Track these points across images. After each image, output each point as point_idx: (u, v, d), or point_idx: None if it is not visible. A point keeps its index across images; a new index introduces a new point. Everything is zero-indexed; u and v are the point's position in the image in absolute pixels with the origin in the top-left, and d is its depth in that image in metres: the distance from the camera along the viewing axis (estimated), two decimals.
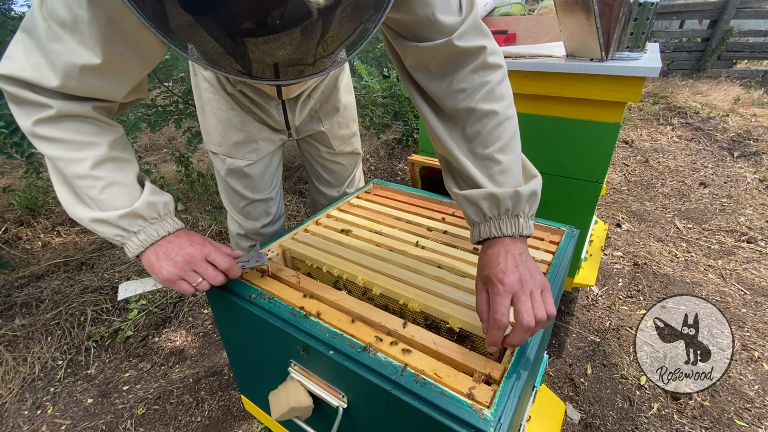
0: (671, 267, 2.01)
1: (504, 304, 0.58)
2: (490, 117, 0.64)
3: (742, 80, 5.11)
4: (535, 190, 0.64)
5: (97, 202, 0.66)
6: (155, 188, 0.70)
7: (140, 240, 0.67)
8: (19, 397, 1.45)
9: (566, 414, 1.33)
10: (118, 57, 0.60)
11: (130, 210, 0.65)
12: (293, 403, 0.69)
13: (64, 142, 0.63)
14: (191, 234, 0.73)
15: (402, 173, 3.05)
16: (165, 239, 0.69)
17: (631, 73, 1.11)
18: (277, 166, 1.20)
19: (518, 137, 0.67)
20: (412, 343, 0.65)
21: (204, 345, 1.65)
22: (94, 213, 0.66)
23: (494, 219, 0.64)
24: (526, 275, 0.60)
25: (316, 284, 0.79)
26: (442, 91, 0.67)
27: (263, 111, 1.05)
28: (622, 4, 1.12)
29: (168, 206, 0.71)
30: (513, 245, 0.63)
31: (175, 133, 4.01)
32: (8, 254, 2.14)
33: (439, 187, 1.28)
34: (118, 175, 0.67)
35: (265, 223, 1.22)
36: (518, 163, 0.66)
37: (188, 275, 0.69)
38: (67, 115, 0.63)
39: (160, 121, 2.24)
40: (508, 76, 0.69)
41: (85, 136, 0.65)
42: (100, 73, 0.61)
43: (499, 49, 0.67)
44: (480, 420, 0.51)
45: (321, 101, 1.14)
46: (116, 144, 0.68)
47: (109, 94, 0.66)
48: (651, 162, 3.21)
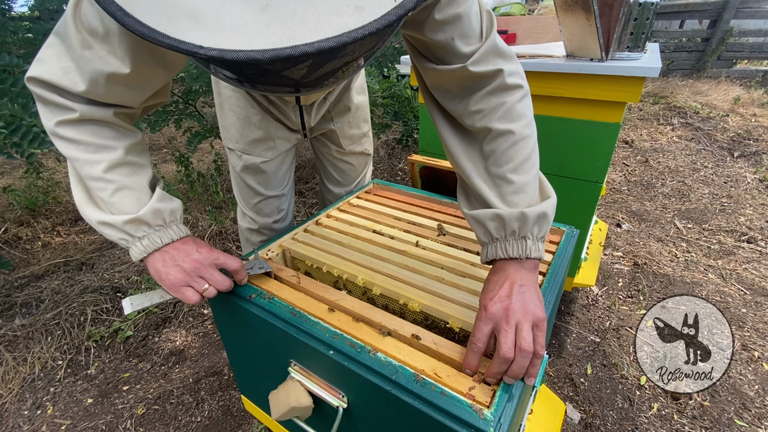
0: (671, 267, 2.01)
1: (481, 330, 0.58)
2: (506, 137, 0.64)
3: (742, 80, 5.12)
4: (544, 212, 0.62)
5: (108, 205, 0.67)
6: (164, 195, 0.71)
7: (143, 246, 0.68)
8: (19, 397, 1.45)
9: (566, 414, 1.33)
10: (144, 67, 0.62)
11: (135, 216, 0.66)
12: (293, 403, 0.69)
13: (82, 144, 0.65)
14: (198, 241, 0.73)
15: (402, 173, 3.05)
16: (171, 245, 0.70)
17: (631, 73, 1.11)
18: (291, 163, 1.23)
19: (535, 157, 0.66)
20: (412, 343, 0.65)
21: (204, 345, 1.65)
22: (102, 215, 0.67)
23: (500, 240, 0.63)
24: (516, 306, 0.58)
25: (315, 284, 0.79)
26: (460, 110, 0.67)
27: (281, 112, 1.08)
28: (622, 4, 1.12)
29: (175, 213, 0.71)
30: (517, 273, 0.61)
31: (175, 133, 4.01)
32: (8, 254, 2.14)
33: (439, 187, 1.28)
34: (130, 180, 0.68)
35: (276, 219, 1.24)
36: (533, 184, 0.65)
37: (195, 281, 0.69)
38: (89, 119, 0.65)
39: (160, 121, 2.24)
40: (530, 95, 0.68)
41: (103, 139, 0.67)
42: (126, 82, 0.63)
43: (519, 70, 0.67)
44: (480, 420, 0.51)
45: (334, 101, 1.17)
46: (132, 149, 0.70)
47: (132, 100, 0.68)
48: (651, 162, 3.21)
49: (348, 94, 1.18)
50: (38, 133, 1.29)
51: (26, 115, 1.24)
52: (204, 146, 3.41)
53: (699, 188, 2.79)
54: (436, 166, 1.19)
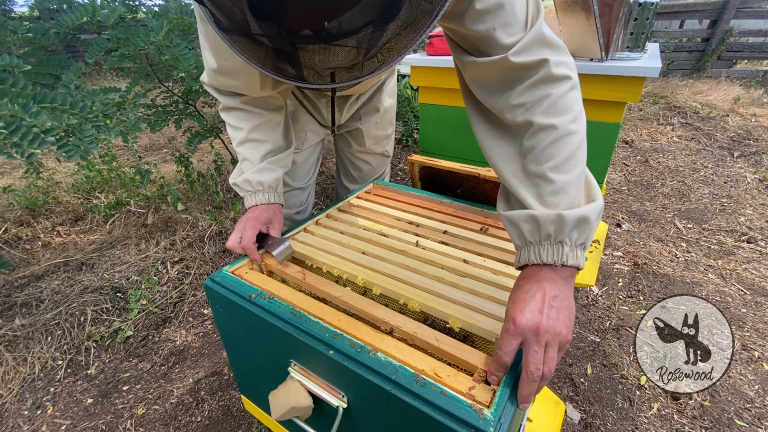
0: (671, 267, 2.01)
1: (510, 344, 0.54)
2: (548, 132, 0.58)
3: (742, 80, 5.12)
4: (585, 216, 0.55)
5: (241, 168, 0.92)
6: (265, 167, 0.90)
7: (246, 201, 0.91)
8: (19, 397, 1.45)
9: (566, 414, 1.33)
10: (225, 63, 0.78)
11: (234, 182, 0.91)
12: (293, 403, 0.69)
13: (229, 126, 0.91)
14: (270, 214, 0.90)
15: (402, 173, 3.05)
16: (256, 207, 0.89)
17: (631, 73, 1.12)
18: (317, 158, 1.27)
19: (581, 156, 0.59)
20: (415, 339, 0.65)
21: (204, 345, 1.65)
22: (231, 178, 0.92)
23: (534, 244, 0.57)
24: (547, 324, 0.52)
25: (321, 280, 0.79)
26: (500, 105, 0.63)
27: (314, 107, 1.14)
28: (622, 4, 1.12)
29: (263, 183, 0.90)
30: (550, 283, 0.55)
31: (175, 133, 4.01)
32: (8, 254, 2.14)
33: (439, 187, 1.28)
34: (249, 153, 0.90)
35: (298, 210, 1.28)
36: (577, 184, 0.58)
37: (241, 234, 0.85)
38: (228, 107, 0.89)
39: (160, 121, 2.24)
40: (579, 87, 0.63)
41: (237, 122, 0.90)
42: (223, 75, 0.82)
43: (567, 60, 0.61)
44: (480, 420, 0.51)
45: (365, 101, 1.20)
46: (256, 128, 0.90)
47: (243, 89, 0.85)
48: (651, 162, 3.21)
49: (380, 95, 1.21)
50: (38, 133, 1.29)
51: (26, 115, 1.24)
52: (204, 146, 3.41)
53: (699, 188, 2.79)
54: (436, 166, 1.19)
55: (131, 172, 2.70)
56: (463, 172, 1.13)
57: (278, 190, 0.94)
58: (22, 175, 2.78)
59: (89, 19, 1.78)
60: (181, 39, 1.87)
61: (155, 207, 2.50)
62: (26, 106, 1.26)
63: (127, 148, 2.24)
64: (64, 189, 2.81)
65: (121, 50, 1.80)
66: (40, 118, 1.25)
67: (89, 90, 1.68)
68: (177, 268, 2.05)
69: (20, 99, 1.29)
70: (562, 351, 0.54)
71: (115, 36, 1.79)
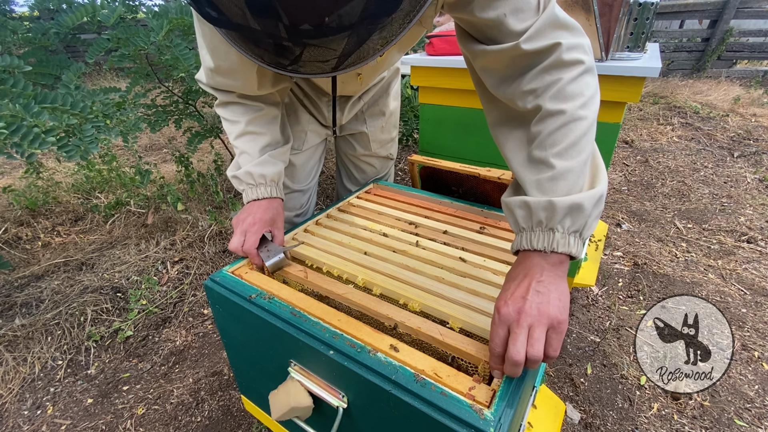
0: (671, 267, 2.01)
1: (497, 333, 0.55)
2: (555, 117, 0.57)
3: (742, 80, 5.11)
4: (578, 203, 0.54)
5: (237, 163, 0.91)
6: (266, 160, 0.89)
7: (245, 195, 0.89)
8: (19, 397, 1.45)
9: (566, 414, 1.33)
10: (222, 63, 0.78)
11: (234, 174, 0.90)
12: (293, 403, 0.69)
13: (225, 120, 0.91)
14: (273, 209, 0.88)
15: (402, 173, 3.05)
16: (256, 202, 0.88)
17: (631, 73, 1.11)
18: (318, 159, 1.25)
19: (586, 142, 0.58)
20: (419, 333, 0.65)
21: (204, 345, 1.65)
22: (230, 171, 0.91)
23: (527, 230, 0.58)
24: (530, 307, 0.53)
25: (323, 278, 0.80)
26: (511, 92, 0.62)
27: (314, 106, 1.12)
28: (622, 4, 1.12)
29: (265, 177, 0.89)
30: (538, 268, 0.56)
31: (175, 133, 4.01)
32: (8, 254, 2.14)
33: (439, 187, 1.28)
34: (248, 146, 0.89)
35: (298, 213, 1.26)
36: (578, 171, 0.57)
37: (244, 235, 0.84)
38: (224, 102, 0.89)
39: (160, 121, 2.24)
40: (594, 70, 0.61)
41: (234, 116, 0.89)
42: (220, 74, 0.81)
43: (581, 43, 0.60)
44: (480, 420, 0.51)
45: (369, 103, 1.19)
46: (253, 121, 0.89)
47: (240, 88, 0.85)
48: (651, 162, 3.21)
49: (385, 99, 1.20)
50: (38, 133, 1.29)
51: (27, 116, 1.24)
52: (204, 146, 3.41)
53: (699, 188, 2.79)
54: (436, 166, 1.19)
55: (131, 172, 2.70)
56: (463, 172, 1.13)
57: (280, 185, 0.92)
58: (22, 175, 2.78)
59: (89, 19, 1.78)
60: (181, 39, 1.87)
61: (155, 207, 2.50)
62: (28, 106, 1.26)
63: (127, 148, 2.24)
64: (64, 189, 2.81)
65: (121, 50, 1.80)
66: (41, 118, 1.25)
67: (89, 90, 1.68)
68: (177, 268, 2.05)
69: (21, 99, 1.30)
70: (555, 331, 0.53)
71: (115, 36, 1.79)
